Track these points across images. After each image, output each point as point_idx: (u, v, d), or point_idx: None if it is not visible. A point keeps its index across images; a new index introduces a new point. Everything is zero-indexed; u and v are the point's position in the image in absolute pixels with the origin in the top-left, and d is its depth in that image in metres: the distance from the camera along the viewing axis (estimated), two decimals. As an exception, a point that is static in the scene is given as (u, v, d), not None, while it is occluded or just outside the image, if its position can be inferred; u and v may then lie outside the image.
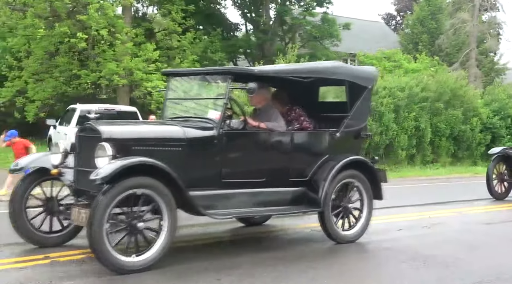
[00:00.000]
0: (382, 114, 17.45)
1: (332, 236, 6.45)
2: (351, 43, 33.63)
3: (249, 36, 27.54)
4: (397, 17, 47.54)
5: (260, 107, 6.57)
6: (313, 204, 6.24)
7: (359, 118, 6.87)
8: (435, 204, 9.99)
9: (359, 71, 7.22)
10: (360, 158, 6.75)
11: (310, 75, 6.58)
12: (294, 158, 6.31)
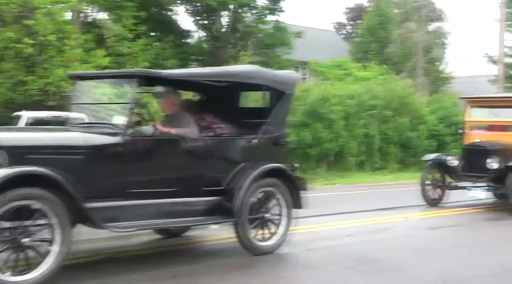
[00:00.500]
0: (333, 121, 17.77)
1: (247, 247, 6.22)
2: (303, 51, 34.07)
3: (202, 43, 27.50)
4: (348, 26, 48.49)
5: (171, 112, 6.25)
6: (228, 214, 6.00)
7: (279, 125, 6.68)
8: (383, 210, 10.23)
9: (277, 75, 6.99)
10: (279, 166, 6.49)
11: (223, 79, 6.41)
12: (208, 166, 6.06)
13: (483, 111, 11.81)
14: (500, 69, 24.73)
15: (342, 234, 7.78)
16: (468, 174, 10.66)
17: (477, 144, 10.82)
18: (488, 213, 10.22)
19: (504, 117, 11.45)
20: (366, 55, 33.92)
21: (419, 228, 8.57)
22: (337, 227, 8.40)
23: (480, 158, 10.41)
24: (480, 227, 8.93)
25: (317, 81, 21.28)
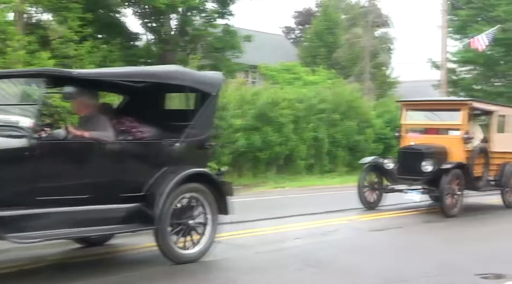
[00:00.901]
0: (282, 125, 17.94)
1: (169, 255, 5.94)
2: (252, 55, 34.22)
3: (150, 46, 27.20)
4: (296, 30, 49.06)
5: (86, 115, 5.97)
6: (148, 221, 5.72)
7: (203, 127, 6.42)
8: (330, 212, 10.40)
9: (201, 76, 6.74)
10: (203, 170, 6.27)
11: (142, 79, 6.09)
12: (126, 171, 5.77)
13: (419, 114, 11.97)
14: (442, 74, 25.56)
15: (290, 237, 7.87)
16: (403, 177, 10.74)
17: (412, 147, 10.91)
18: (426, 215, 10.47)
19: (438, 120, 11.69)
20: (315, 59, 34.42)
21: (364, 230, 8.77)
22: (286, 229, 8.49)
23: (415, 161, 10.50)
24: (420, 228, 9.19)
25: (266, 85, 21.43)
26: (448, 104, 12.03)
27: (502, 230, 9.16)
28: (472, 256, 6.77)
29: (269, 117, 17.76)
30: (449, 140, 11.06)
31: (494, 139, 11.55)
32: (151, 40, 28.42)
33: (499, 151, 11.63)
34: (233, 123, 16.09)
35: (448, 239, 8.29)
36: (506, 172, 11.63)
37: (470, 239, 8.31)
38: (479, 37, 23.33)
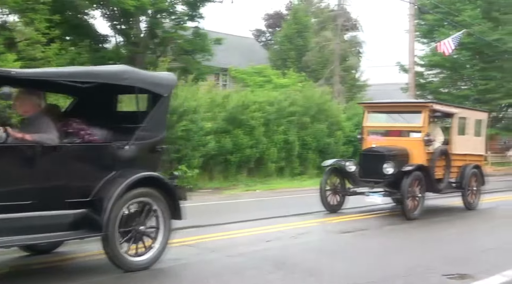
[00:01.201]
0: (253, 128, 17.98)
1: (118, 263, 5.70)
2: (223, 58, 34.22)
3: (119, 49, 26.96)
4: (267, 33, 49.24)
5: (29, 116, 5.67)
6: (95, 228, 5.49)
7: (155, 130, 6.18)
8: (301, 215, 10.47)
9: (152, 77, 6.47)
10: (154, 174, 6.01)
11: (87, 79, 5.81)
12: (71, 175, 5.51)
13: (380, 116, 11.98)
14: (410, 77, 25.99)
15: (261, 240, 7.89)
16: (365, 179, 10.66)
17: (374, 149, 10.78)
18: (389, 218, 10.47)
19: (400, 122, 11.67)
20: (285, 62, 34.62)
21: (334, 232, 8.84)
22: (257, 232, 8.51)
23: (376, 163, 10.41)
24: (384, 231, 9.23)
25: (237, 88, 21.46)
26: (409, 106, 11.94)
27: (464, 232, 9.30)
28: (438, 257, 6.88)
29: (239, 120, 17.79)
30: (411, 143, 11.01)
31: (455, 141, 11.54)
32: (120, 43, 28.17)
33: (460, 153, 11.66)
34: (204, 126, 16.05)
35: (413, 241, 8.42)
36: (467, 174, 11.67)
37: (434, 240, 8.44)
38: (446, 41, 23.81)
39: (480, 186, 12.23)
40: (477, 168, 12.12)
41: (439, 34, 29.38)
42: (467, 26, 27.85)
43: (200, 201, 13.24)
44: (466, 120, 12.06)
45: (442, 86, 33.67)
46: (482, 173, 12.36)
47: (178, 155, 15.43)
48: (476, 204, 12.02)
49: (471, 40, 29.39)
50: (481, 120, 12.82)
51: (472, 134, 12.28)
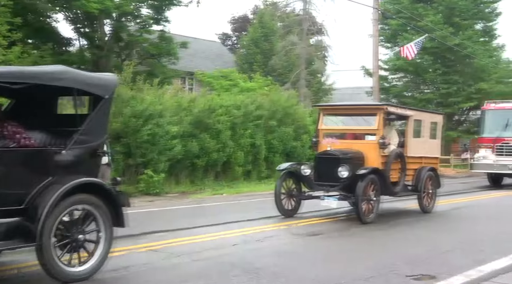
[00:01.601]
0: (220, 131, 17.95)
1: (54, 274, 5.39)
2: (188, 62, 34.12)
3: (83, 52, 26.59)
4: (233, 37, 49.29)
5: None
6: (29, 237, 5.18)
7: (95, 133, 5.90)
8: (268, 218, 10.50)
9: (91, 78, 6.13)
10: (94, 180, 5.74)
11: (20, 80, 5.40)
12: (4, 182, 5.19)
13: (336, 119, 11.76)
14: (375, 81, 26.38)
15: (228, 244, 7.88)
16: (320, 183, 10.47)
17: (328, 152, 10.53)
18: (347, 221, 10.34)
19: (354, 125, 11.50)
20: (252, 66, 34.70)
21: (300, 235, 8.88)
22: (224, 236, 8.50)
23: (331, 167, 10.22)
24: (349, 234, 9.26)
25: (203, 91, 21.40)
26: (364, 109, 11.67)
27: (422, 234, 9.36)
28: (400, 259, 6.98)
29: (206, 124, 17.73)
30: (366, 146, 10.89)
31: (410, 144, 11.45)
32: (84, 46, 27.79)
33: (415, 155, 11.60)
34: (170, 130, 15.95)
35: (375, 244, 8.51)
36: (422, 176, 11.58)
37: (395, 243, 8.55)
38: (409, 45, 24.26)
39: (436, 189, 12.19)
40: (432, 170, 12.09)
41: (402, 39, 29.93)
42: (430, 31, 28.45)
43: (166, 205, 13.16)
44: (422, 123, 11.97)
45: (406, 90, 34.28)
46: (438, 176, 12.37)
47: (144, 159, 15.30)
48: (432, 207, 11.98)
49: (434, 45, 30.02)
50: (437, 122, 12.78)
51: (428, 137, 12.23)
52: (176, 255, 7.03)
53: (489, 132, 19.63)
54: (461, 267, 6.49)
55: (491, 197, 16.16)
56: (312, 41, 37.66)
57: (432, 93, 32.93)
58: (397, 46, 30.54)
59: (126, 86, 15.54)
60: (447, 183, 21.97)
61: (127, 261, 6.62)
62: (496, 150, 19.16)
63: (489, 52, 32.68)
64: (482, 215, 12.07)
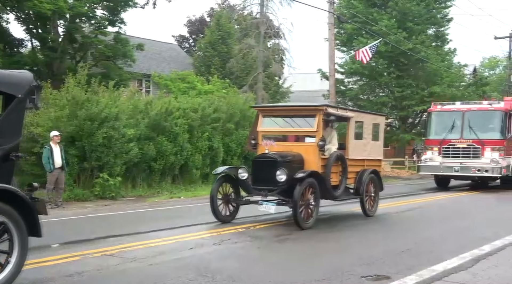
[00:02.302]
0: (177, 134, 17.84)
1: None
2: (145, 64, 33.78)
3: (36, 54, 25.97)
4: (190, 39, 49.06)
5: None
6: None
7: (8, 135, 5.48)
8: (224, 223, 10.46)
9: (2, 76, 5.68)
10: (6, 186, 5.27)
11: None
12: None
13: (275, 121, 11.25)
14: (331, 84, 26.71)
15: (184, 247, 7.83)
16: (258, 187, 10.02)
17: (266, 155, 10.07)
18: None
19: (293, 127, 11.06)
20: (209, 69, 34.63)
21: (260, 238, 8.90)
22: (180, 240, 8.44)
23: (269, 170, 9.81)
24: (302, 237, 9.33)
25: (160, 94, 21.22)
26: (303, 110, 11.15)
27: (372, 237, 9.46)
28: (354, 261, 7.08)
29: (163, 127, 17.59)
30: (305, 148, 10.50)
31: (351, 146, 11.21)
32: (36, 47, 27.16)
33: (357, 158, 11.37)
34: (126, 133, 15.75)
35: (327, 247, 8.62)
36: (364, 179, 11.34)
37: (349, 245, 8.71)
38: (364, 49, 24.68)
39: (378, 192, 12.04)
40: (374, 173, 11.89)
41: (358, 43, 30.43)
42: (384, 36, 29.02)
43: (122, 209, 12.98)
44: (363, 125, 11.75)
45: (362, 93, 34.85)
46: (380, 178, 12.23)
47: (100, 162, 15.05)
48: (374, 210, 11.79)
49: (388, 49, 30.64)
50: (379, 124, 12.57)
51: (370, 139, 12.00)
52: (132, 259, 6.94)
53: (435, 134, 19.73)
54: (415, 267, 6.63)
55: (437, 199, 16.32)
56: (269, 44, 37.86)
57: (387, 96, 33.58)
58: (353, 50, 31.03)
59: (81, 88, 15.26)
60: (399, 185, 22.50)
61: (81, 266, 6.49)
62: (442, 151, 19.22)
63: (441, 56, 33.58)
64: (431, 217, 12.21)
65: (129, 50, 27.54)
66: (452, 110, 19.68)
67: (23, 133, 12.12)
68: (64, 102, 14.95)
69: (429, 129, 20.06)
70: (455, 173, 19.08)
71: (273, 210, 9.93)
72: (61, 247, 7.83)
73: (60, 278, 5.91)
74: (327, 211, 12.13)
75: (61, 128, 14.09)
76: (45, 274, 6.08)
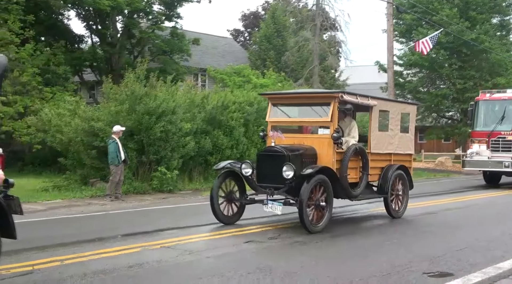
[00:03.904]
0: (233, 128, 17.97)
1: None
2: (200, 58, 34.20)
3: (95, 49, 26.76)
4: (245, 33, 49.29)
5: None
6: None
7: None
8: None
9: None
10: None
11: None
12: None
13: (286, 110, 10.23)
14: (389, 76, 26.21)
15: (240, 241, 7.87)
16: (263, 185, 8.96)
17: (272, 149, 8.97)
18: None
19: (306, 117, 10.04)
20: (264, 62, 34.70)
21: (313, 234, 8.79)
22: (235, 234, 8.49)
23: (275, 166, 8.71)
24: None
25: (216, 88, 21.42)
26: (315, 97, 9.98)
27: (431, 234, 9.19)
28: (415, 257, 6.95)
29: (219, 121, 17.76)
30: (318, 141, 9.37)
31: (375, 138, 10.10)
32: (96, 43, 27.96)
33: (381, 152, 10.24)
34: (183, 127, 16.00)
35: (384, 244, 8.48)
36: (390, 176, 10.16)
37: (408, 241, 8.54)
38: (423, 40, 24.07)
39: (407, 190, 10.80)
40: (403, 169, 10.65)
41: (417, 34, 29.71)
42: (445, 26, 28.21)
43: (179, 202, 13.20)
44: (390, 114, 10.60)
45: (421, 86, 34.06)
46: (410, 175, 10.93)
47: (157, 156, 15.35)
48: (402, 211, 10.58)
49: (449, 40, 29.79)
50: (409, 114, 11.32)
51: (398, 130, 10.78)
52: (189, 252, 7.05)
53: (483, 126, 18.03)
54: (478, 264, 6.43)
55: (490, 196, 15.25)
56: (325, 36, 37.55)
57: (448, 88, 32.69)
58: (412, 41, 30.34)
59: (140, 83, 15.58)
60: (461, 180, 21.80)
61: (141, 258, 6.65)
62: (491, 145, 17.53)
63: (506, 46, 32.34)
64: (488, 214, 11.61)
65: (185, 45, 27.95)
66: (502, 99, 17.98)
67: (84, 127, 12.25)
68: (123, 97, 15.30)
69: (476, 121, 18.27)
70: (506, 168, 17.22)
71: (279, 211, 8.81)
72: (121, 238, 8.04)
73: (121, 269, 6.08)
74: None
75: (121, 122, 14.43)
76: (106, 266, 6.26)
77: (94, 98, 27.98)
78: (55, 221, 10.04)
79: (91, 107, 16.49)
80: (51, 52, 23.32)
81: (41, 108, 17.59)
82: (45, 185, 15.12)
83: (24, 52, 20.85)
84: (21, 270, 6.03)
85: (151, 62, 23.71)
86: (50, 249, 7.12)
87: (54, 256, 6.71)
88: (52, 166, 20.34)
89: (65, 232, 8.74)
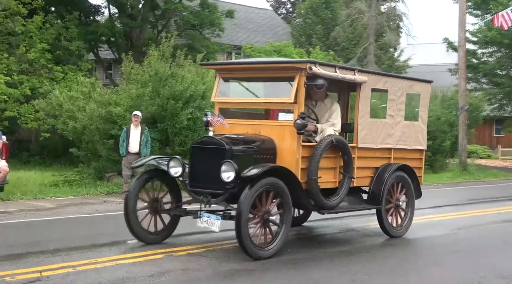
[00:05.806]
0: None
1: None
2: (235, 34, 34.22)
3: (113, 22, 27.01)
4: (288, 4, 49.13)
5: None
6: None
7: None
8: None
9: None
10: None
11: None
12: None
13: (238, 87, 8.89)
14: (460, 56, 25.69)
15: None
16: (196, 190, 7.56)
17: (210, 140, 7.60)
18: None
19: (264, 96, 8.73)
20: (310, 39, 34.50)
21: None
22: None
23: (212, 164, 7.30)
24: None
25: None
26: (275, 68, 8.34)
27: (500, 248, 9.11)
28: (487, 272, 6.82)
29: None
30: (279, 129, 7.89)
31: (364, 127, 8.52)
32: (114, 15, 28.24)
33: (374, 146, 8.68)
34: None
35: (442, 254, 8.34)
36: (385, 179, 8.63)
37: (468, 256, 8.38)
38: (504, 13, 23.46)
39: (412, 200, 9.24)
40: (405, 170, 9.08)
41: (496, 5, 29.04)
42: (530, -5, 27.50)
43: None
44: (388, 95, 8.98)
45: (499, 68, 33.30)
46: (416, 179, 9.32)
47: (184, 148, 15.39)
48: (404, 229, 9.12)
49: (535, 12, 29.02)
50: (419, 95, 9.63)
51: (400, 117, 9.14)
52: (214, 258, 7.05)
53: None
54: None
55: None
56: (383, 8, 37.08)
57: (532, 71, 31.92)
58: (489, 14, 29.65)
59: (165, 62, 15.57)
60: None
61: (163, 266, 6.67)
62: None
63: None
64: None
65: (217, 18, 27.97)
66: None
67: (100, 113, 12.27)
68: (145, 78, 15.33)
69: None
70: None
71: (217, 227, 7.28)
72: (138, 243, 7.92)
73: (141, 278, 6.11)
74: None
75: (142, 108, 14.48)
76: (126, 274, 6.28)
77: (111, 80, 28.33)
78: (66, 221, 10.18)
79: (108, 90, 16.65)
80: (63, 25, 23.66)
81: (50, 91, 17.86)
82: (54, 179, 15.37)
83: (32, 25, 21.19)
84: (27, 276, 6.12)
85: (178, 38, 23.79)
86: (60, 254, 7.20)
87: (65, 261, 6.79)
88: (62, 157, 20.72)
89: (77, 234, 8.84)
